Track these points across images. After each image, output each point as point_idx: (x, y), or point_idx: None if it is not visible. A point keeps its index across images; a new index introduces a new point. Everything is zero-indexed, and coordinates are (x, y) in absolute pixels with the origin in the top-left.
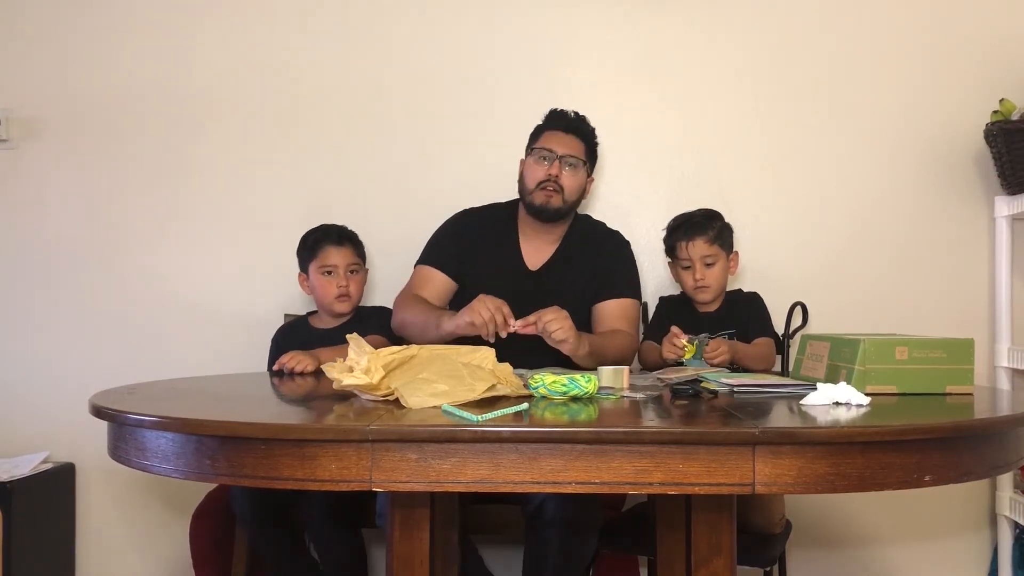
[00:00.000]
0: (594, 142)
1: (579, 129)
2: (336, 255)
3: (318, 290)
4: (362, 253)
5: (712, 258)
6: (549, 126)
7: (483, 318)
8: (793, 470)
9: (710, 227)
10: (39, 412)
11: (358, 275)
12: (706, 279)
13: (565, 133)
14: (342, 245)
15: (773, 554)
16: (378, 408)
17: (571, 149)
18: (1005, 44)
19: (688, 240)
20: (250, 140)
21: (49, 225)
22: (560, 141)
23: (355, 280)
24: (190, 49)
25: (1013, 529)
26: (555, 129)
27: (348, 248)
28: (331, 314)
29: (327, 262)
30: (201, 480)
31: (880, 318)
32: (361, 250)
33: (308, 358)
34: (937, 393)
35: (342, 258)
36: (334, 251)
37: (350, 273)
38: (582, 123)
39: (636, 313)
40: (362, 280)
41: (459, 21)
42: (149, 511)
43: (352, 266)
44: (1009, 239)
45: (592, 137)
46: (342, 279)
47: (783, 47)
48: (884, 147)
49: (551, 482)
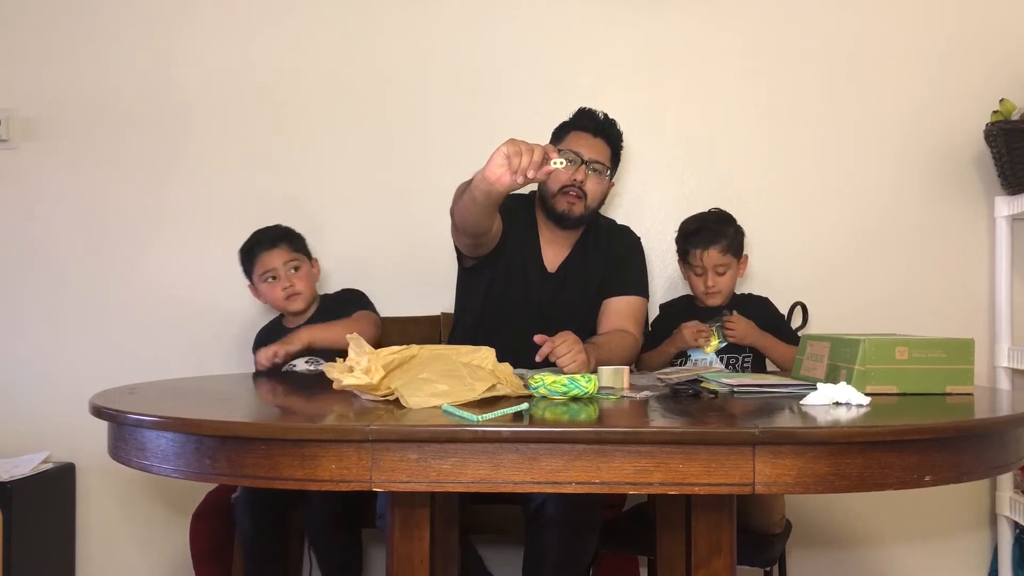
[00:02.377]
0: (620, 146)
1: (607, 132)
2: (272, 258)
3: (266, 296)
4: (301, 247)
5: (725, 267)
6: (577, 126)
7: (517, 147)
8: (793, 470)
9: (724, 235)
10: (39, 412)
11: (302, 269)
12: (717, 286)
13: (594, 136)
14: (276, 246)
15: (773, 554)
16: (378, 408)
17: (598, 154)
18: (1005, 44)
19: (703, 249)
20: (249, 139)
21: (49, 225)
22: (587, 144)
23: (300, 276)
24: (190, 50)
25: (1013, 529)
26: (583, 131)
27: (283, 247)
28: (289, 314)
29: (266, 268)
30: (201, 480)
31: (880, 318)
32: (299, 243)
33: (276, 345)
34: (937, 393)
35: (279, 259)
36: (268, 256)
37: (292, 271)
38: (611, 126)
39: (643, 312)
40: (307, 273)
41: (459, 21)
42: (149, 511)
43: (292, 263)
44: (1009, 239)
45: (619, 141)
46: (284, 280)
47: (784, 47)
48: (884, 147)
49: (551, 482)
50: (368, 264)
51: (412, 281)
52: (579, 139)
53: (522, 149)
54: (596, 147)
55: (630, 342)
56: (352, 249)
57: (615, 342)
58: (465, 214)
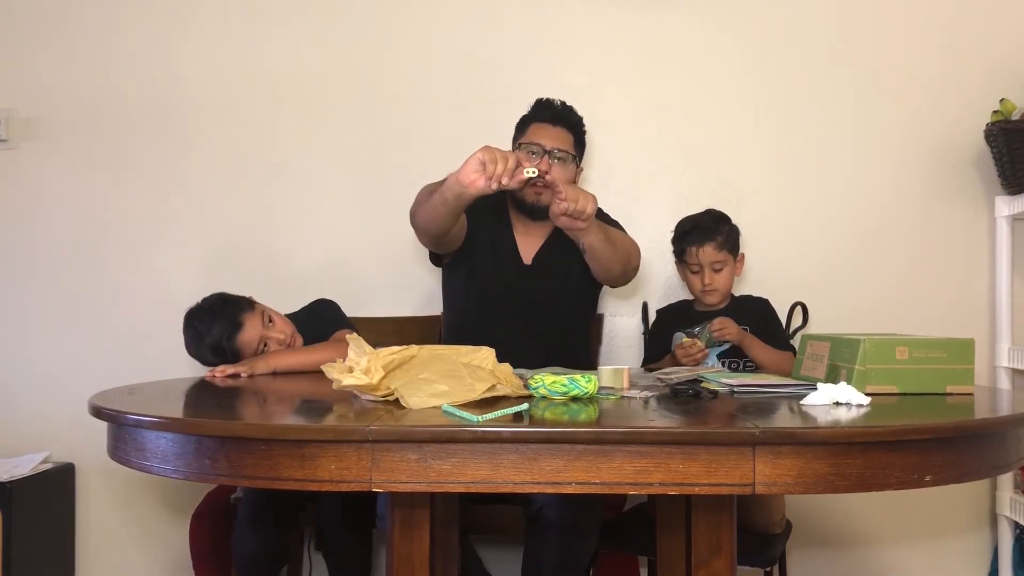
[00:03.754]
0: (582, 131)
1: (567, 119)
2: (249, 335)
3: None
4: (260, 308)
5: (721, 264)
6: (536, 118)
7: (493, 155)
8: (793, 470)
9: (719, 232)
10: (39, 412)
11: (275, 322)
12: (714, 283)
13: (553, 125)
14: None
15: (773, 554)
16: (378, 408)
17: (560, 142)
18: (1005, 44)
19: (698, 246)
20: (249, 140)
21: (49, 225)
22: (548, 134)
23: (274, 329)
24: (190, 50)
25: (1013, 529)
26: (542, 121)
27: (254, 322)
28: None
29: (251, 347)
30: (201, 480)
31: (880, 318)
32: (257, 307)
33: (240, 366)
34: (937, 393)
35: (255, 333)
36: (244, 335)
37: (268, 326)
38: (570, 113)
39: (628, 238)
40: (280, 321)
41: (458, 21)
42: (149, 511)
43: (265, 327)
44: (1009, 239)
45: (580, 126)
46: (273, 343)
47: (784, 47)
48: (884, 147)
49: (551, 482)
50: (367, 264)
51: (408, 283)
52: (539, 130)
53: (497, 156)
54: (557, 136)
55: (630, 240)
56: (352, 249)
57: (617, 232)
58: (431, 214)
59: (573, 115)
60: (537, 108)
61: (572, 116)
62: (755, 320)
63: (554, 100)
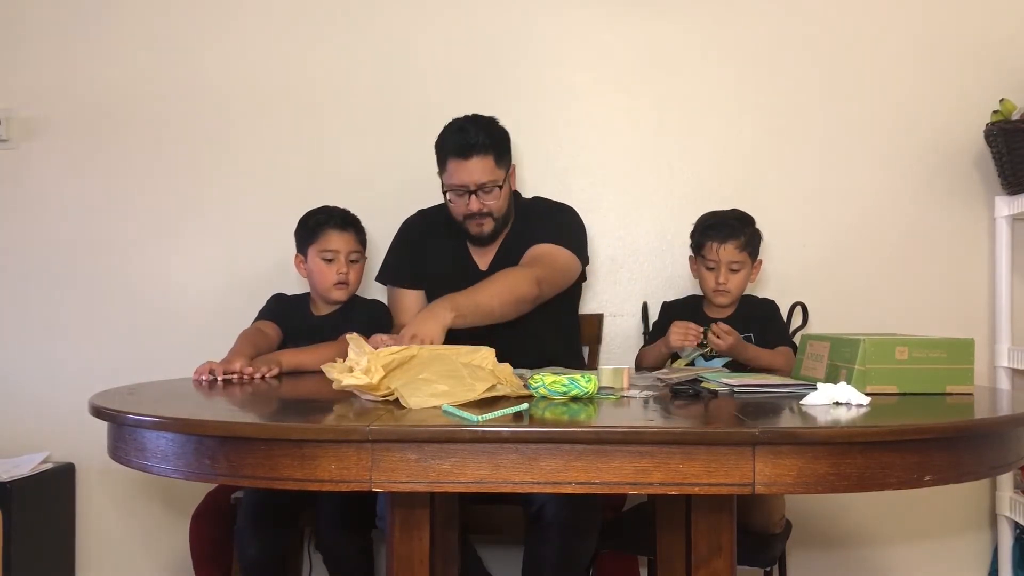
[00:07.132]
0: (500, 136)
1: (481, 147)
2: (338, 240)
3: (315, 275)
4: (364, 240)
5: (739, 264)
6: (450, 154)
7: None
8: (793, 470)
9: (743, 232)
10: (39, 412)
11: (358, 264)
12: (728, 283)
13: (467, 160)
14: (345, 230)
15: (773, 554)
16: (378, 408)
17: (483, 173)
18: (1005, 44)
19: (720, 243)
20: (252, 141)
21: (49, 225)
22: (466, 170)
23: (355, 269)
24: (190, 50)
25: (1013, 529)
26: (456, 157)
27: (351, 234)
28: (326, 301)
29: (328, 247)
30: (201, 480)
31: (880, 318)
32: (363, 237)
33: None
34: (937, 393)
35: (344, 244)
36: (336, 236)
37: (351, 261)
38: (480, 134)
39: (561, 256)
40: (361, 269)
41: (456, 21)
42: (149, 511)
43: (353, 254)
44: (1009, 239)
45: (497, 135)
46: (343, 266)
47: (783, 47)
48: (884, 147)
49: (551, 482)
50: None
51: None
52: (458, 168)
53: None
54: (476, 167)
55: (504, 284)
56: None
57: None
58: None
59: (484, 134)
60: (445, 145)
61: (483, 136)
62: (757, 317)
63: (464, 127)
